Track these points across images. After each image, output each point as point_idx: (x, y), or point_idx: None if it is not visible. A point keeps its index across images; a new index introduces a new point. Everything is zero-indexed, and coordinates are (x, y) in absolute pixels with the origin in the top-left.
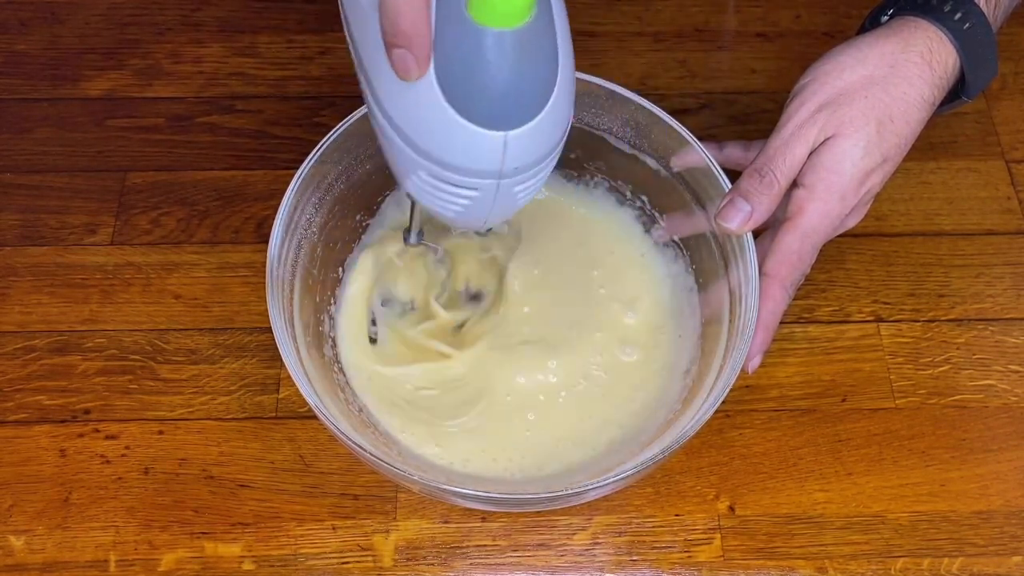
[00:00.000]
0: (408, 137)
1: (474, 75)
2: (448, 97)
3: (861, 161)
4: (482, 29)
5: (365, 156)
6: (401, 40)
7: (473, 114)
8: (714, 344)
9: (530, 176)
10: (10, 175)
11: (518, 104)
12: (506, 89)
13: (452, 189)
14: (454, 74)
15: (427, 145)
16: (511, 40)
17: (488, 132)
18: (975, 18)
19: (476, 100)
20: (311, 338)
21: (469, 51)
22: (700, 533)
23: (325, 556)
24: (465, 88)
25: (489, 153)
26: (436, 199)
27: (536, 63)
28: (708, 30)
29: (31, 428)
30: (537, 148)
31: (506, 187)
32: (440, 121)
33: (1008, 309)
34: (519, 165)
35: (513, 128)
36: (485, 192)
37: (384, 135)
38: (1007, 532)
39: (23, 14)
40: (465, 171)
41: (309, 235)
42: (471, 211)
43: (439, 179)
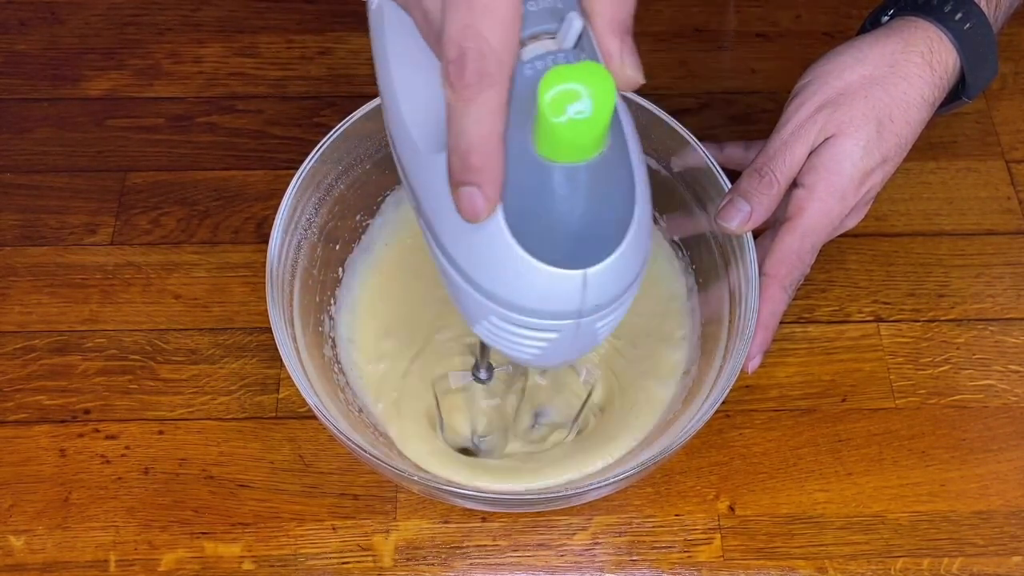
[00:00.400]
0: (477, 283)
1: (546, 214)
2: (519, 239)
3: (861, 161)
4: (553, 166)
5: (365, 156)
6: (472, 177)
7: (548, 255)
8: (714, 344)
9: (612, 311)
10: (10, 175)
11: (596, 240)
12: (582, 226)
13: (528, 333)
14: (524, 214)
15: (498, 290)
16: (584, 174)
17: (566, 272)
18: (975, 18)
19: (550, 240)
20: (311, 338)
21: (540, 190)
22: (700, 533)
23: (325, 556)
24: (537, 228)
25: (567, 294)
26: (510, 344)
27: (612, 194)
28: (708, 30)
29: (31, 428)
30: (618, 282)
31: (587, 325)
32: (512, 264)
33: (1008, 309)
34: (600, 302)
35: (592, 265)
36: (564, 334)
37: (451, 281)
38: (1007, 532)
39: (23, 14)
40: (542, 314)
41: (309, 235)
42: (549, 353)
43: (514, 324)
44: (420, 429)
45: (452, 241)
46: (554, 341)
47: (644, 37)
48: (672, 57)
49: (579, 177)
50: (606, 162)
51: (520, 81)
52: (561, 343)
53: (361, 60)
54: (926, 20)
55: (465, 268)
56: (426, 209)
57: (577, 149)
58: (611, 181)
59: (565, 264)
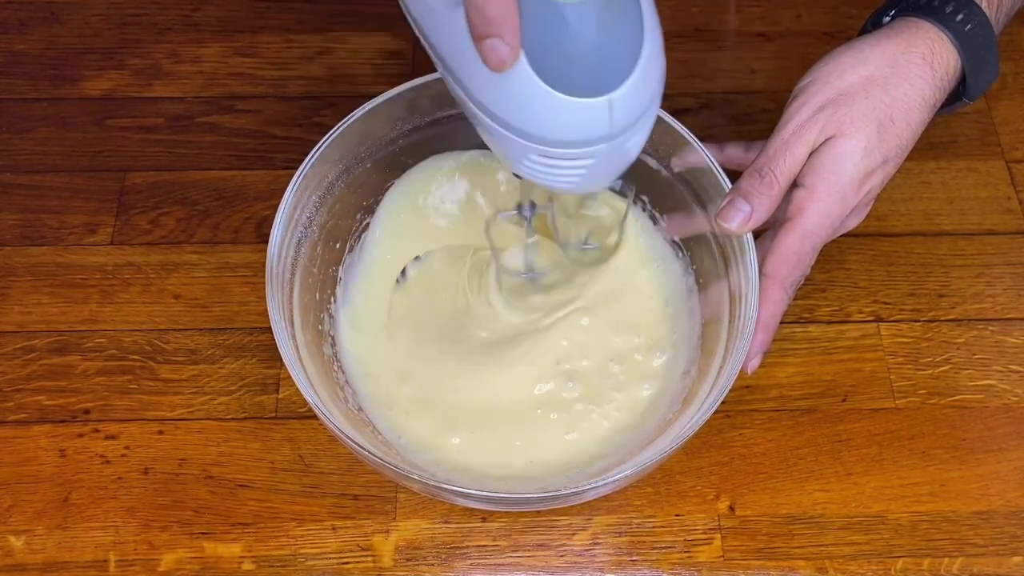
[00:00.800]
0: (513, 126)
1: (566, 50)
2: (545, 78)
3: (861, 162)
4: (564, 4)
5: (365, 155)
6: (493, 28)
7: (574, 88)
8: (714, 344)
9: (639, 128)
10: (10, 175)
11: (615, 65)
12: (600, 55)
13: (567, 163)
14: (546, 54)
15: (535, 129)
16: (594, 7)
17: (593, 101)
18: (977, 20)
19: (573, 73)
20: (310, 336)
21: (556, 28)
22: (700, 533)
23: (325, 556)
24: (560, 65)
25: (598, 120)
26: (552, 176)
27: (622, 21)
28: (708, 30)
29: (31, 428)
30: (642, 100)
31: (618, 145)
32: (543, 103)
33: (1008, 309)
34: (628, 122)
35: (615, 89)
36: (600, 158)
37: (487, 129)
38: (1007, 532)
39: (23, 14)
40: (577, 143)
41: (309, 233)
42: (588, 179)
43: (553, 158)
44: (420, 426)
45: (483, 91)
46: (592, 166)
47: None
48: (672, 57)
49: (589, 10)
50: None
51: None
52: (598, 167)
53: (361, 60)
54: (927, 21)
55: (499, 114)
56: (452, 65)
57: None
58: (619, 8)
59: (591, 93)
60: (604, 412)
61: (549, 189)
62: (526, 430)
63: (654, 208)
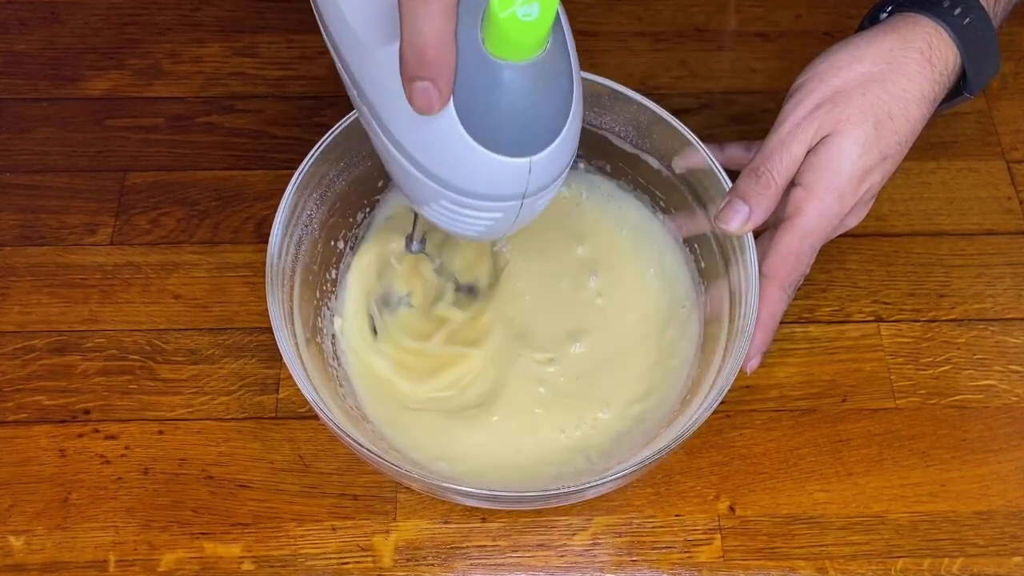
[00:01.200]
0: (427, 170)
1: (497, 108)
2: (470, 130)
3: (859, 159)
4: (502, 63)
5: (366, 153)
6: (428, 72)
7: (498, 145)
8: (714, 344)
9: (551, 190)
10: (10, 175)
11: (540, 129)
12: (527, 117)
13: (474, 214)
14: (476, 108)
15: (450, 178)
16: (532, 71)
17: (514, 160)
18: (975, 13)
19: (500, 131)
20: (310, 335)
21: (490, 85)
22: (700, 533)
23: (325, 556)
24: (486, 120)
25: (514, 179)
26: (457, 223)
27: (553, 89)
28: (708, 30)
29: (31, 428)
30: (560, 163)
31: (528, 203)
32: (464, 154)
33: (1008, 309)
34: (543, 183)
35: (538, 152)
36: (508, 212)
37: (399, 167)
38: (1007, 532)
39: (23, 14)
40: (490, 197)
41: (310, 231)
42: (492, 230)
43: (461, 206)
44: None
45: (402, 131)
46: (498, 219)
47: (644, 37)
48: (672, 57)
49: (525, 74)
50: (548, 61)
51: None
52: (504, 220)
53: None
54: (925, 16)
55: (416, 156)
56: (372, 100)
57: (523, 48)
58: (552, 77)
59: (512, 153)
60: (604, 411)
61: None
62: (526, 429)
63: (656, 206)
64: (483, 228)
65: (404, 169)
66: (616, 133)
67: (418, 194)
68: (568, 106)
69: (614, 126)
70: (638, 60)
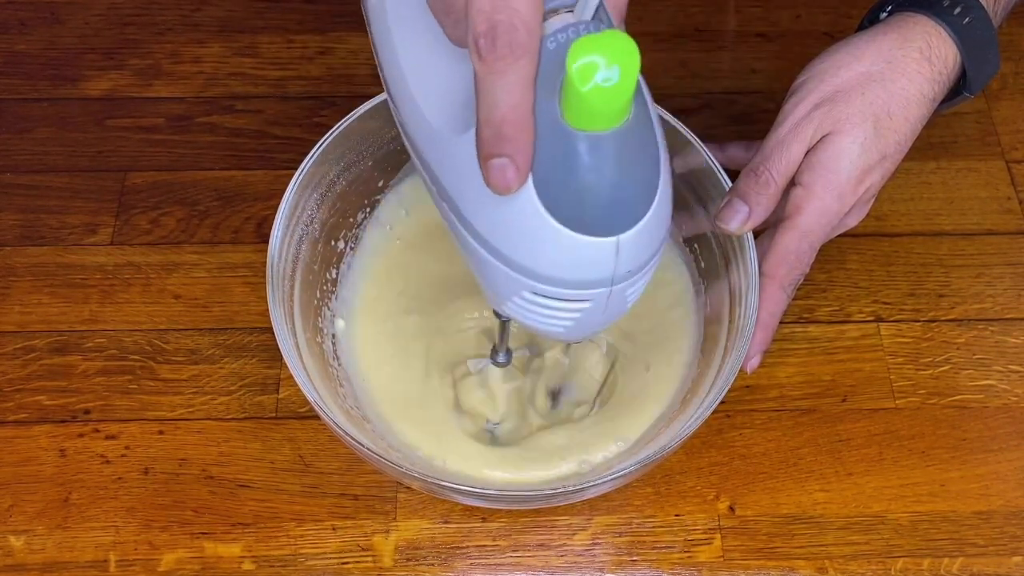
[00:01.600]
0: (508, 258)
1: (576, 183)
2: (551, 209)
3: (859, 159)
4: (581, 134)
5: (367, 153)
6: (505, 148)
7: (581, 224)
8: (714, 344)
9: (642, 276)
10: (10, 175)
11: (627, 206)
12: (612, 193)
13: (561, 305)
14: (556, 185)
15: (531, 263)
16: (613, 143)
17: (600, 240)
18: (975, 12)
19: (583, 209)
20: (311, 334)
21: (570, 159)
22: (700, 533)
23: (325, 556)
24: (568, 198)
25: (601, 262)
26: (541, 319)
27: (638, 161)
28: (708, 30)
29: (31, 428)
30: (649, 246)
31: (617, 292)
32: (545, 236)
33: (1008, 309)
34: (631, 267)
35: (625, 231)
36: (596, 303)
37: (479, 260)
38: (1007, 532)
39: (23, 14)
40: (576, 284)
41: (310, 231)
42: (580, 324)
43: (546, 297)
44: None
45: (481, 219)
46: (586, 311)
47: (644, 37)
48: (672, 57)
49: (607, 145)
50: (631, 129)
51: (544, 54)
52: (593, 313)
53: (361, 60)
54: (924, 15)
55: (495, 244)
56: (450, 191)
57: (605, 117)
58: (637, 147)
59: (598, 232)
60: (604, 411)
61: (534, 332)
62: (526, 428)
63: None
64: (570, 323)
65: (483, 260)
66: None
67: (499, 288)
68: (656, 180)
69: None
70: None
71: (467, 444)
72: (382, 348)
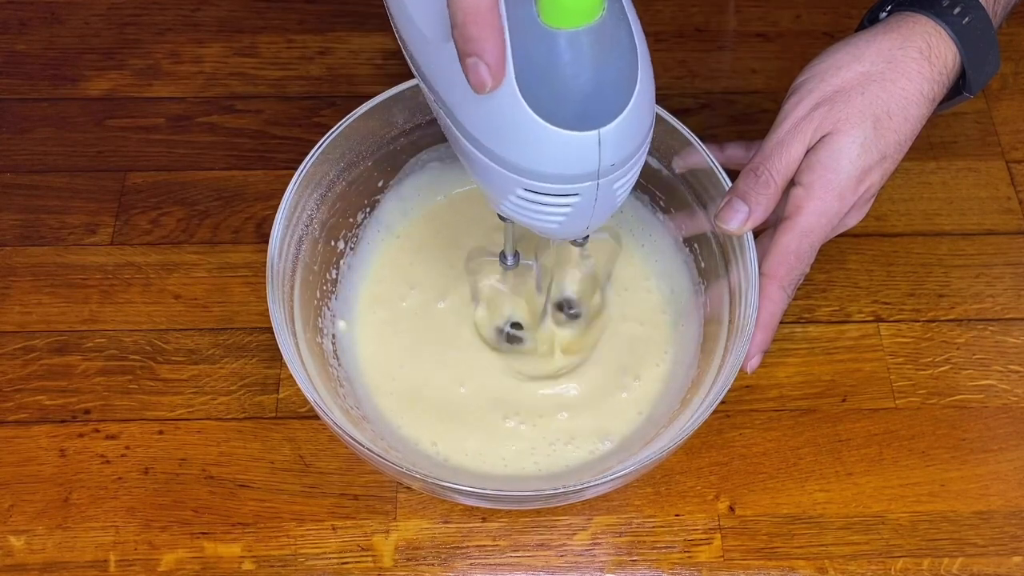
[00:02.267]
0: (499, 156)
1: (557, 79)
2: (534, 106)
3: (859, 158)
4: (558, 32)
5: (367, 153)
6: (474, 47)
7: (563, 119)
8: (714, 344)
9: (627, 170)
10: (10, 175)
11: (606, 99)
12: (592, 87)
13: (551, 200)
14: (536, 82)
15: (520, 160)
16: (589, 38)
17: (581, 134)
18: (975, 12)
19: (563, 104)
20: (311, 335)
21: (548, 56)
22: (700, 533)
23: (325, 556)
24: (550, 94)
25: (585, 155)
26: (536, 215)
27: (617, 54)
28: (708, 30)
29: (31, 428)
30: (632, 139)
31: (605, 186)
32: (530, 132)
33: (1008, 309)
34: (616, 161)
35: (605, 124)
36: (585, 196)
37: (474, 160)
38: (1007, 532)
39: (23, 14)
40: (563, 178)
41: (310, 231)
42: (572, 219)
43: (537, 193)
44: (421, 425)
45: (472, 120)
46: (576, 206)
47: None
48: (672, 57)
49: (582, 41)
50: (606, 25)
51: None
52: (583, 207)
53: (361, 60)
54: (924, 15)
55: (487, 144)
56: (444, 97)
57: (578, 14)
58: (613, 43)
59: (579, 126)
60: (605, 411)
61: (532, 230)
62: (526, 428)
63: (656, 206)
64: (562, 218)
65: (478, 162)
66: None
67: (495, 187)
68: (634, 74)
69: None
70: None
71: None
72: (382, 348)
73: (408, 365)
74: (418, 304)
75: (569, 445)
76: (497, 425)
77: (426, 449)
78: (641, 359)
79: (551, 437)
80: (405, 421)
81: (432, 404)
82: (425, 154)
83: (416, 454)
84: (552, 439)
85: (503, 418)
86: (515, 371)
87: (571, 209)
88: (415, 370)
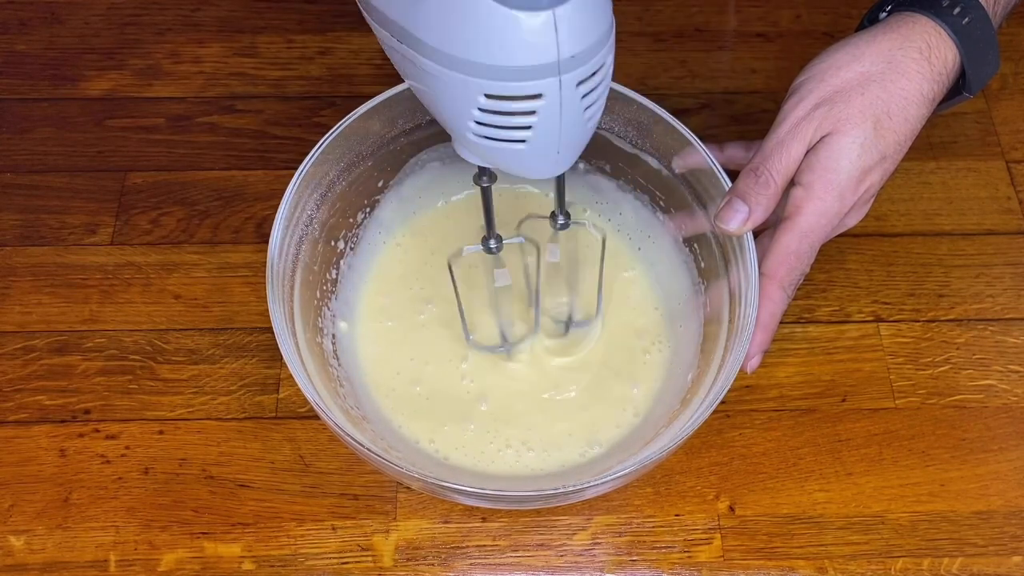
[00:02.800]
0: (457, 59)
1: None
2: None
3: (859, 159)
4: None
5: (367, 153)
6: None
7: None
8: (714, 344)
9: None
10: (10, 175)
11: None
12: None
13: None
14: None
15: (476, 55)
16: None
17: (534, 14)
18: (975, 12)
19: None
20: (311, 335)
21: None
22: (700, 533)
23: (325, 556)
24: None
25: (540, 40)
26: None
27: None
28: (708, 30)
29: (31, 428)
30: (589, 27)
31: (569, 89)
32: (480, 17)
33: (1008, 309)
34: (576, 52)
35: (559, 3)
36: (549, 99)
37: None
38: (1007, 532)
39: (23, 14)
40: (522, 73)
41: (310, 232)
42: (541, 138)
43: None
44: (421, 425)
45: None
46: (542, 113)
47: (644, 37)
48: (672, 57)
49: None
50: None
51: None
52: (549, 118)
53: (361, 60)
54: (924, 15)
55: (444, 49)
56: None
57: None
58: None
59: (532, 6)
60: (605, 410)
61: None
62: (527, 428)
63: (656, 206)
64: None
65: (439, 79)
66: (616, 133)
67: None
68: None
69: (614, 126)
70: (638, 60)
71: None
72: (382, 348)
73: (408, 365)
74: (418, 304)
75: (569, 445)
76: (497, 425)
77: (426, 449)
78: (641, 359)
79: (551, 437)
80: (405, 421)
81: (432, 404)
82: (425, 154)
83: (416, 454)
84: (552, 439)
85: (503, 418)
86: (515, 371)
87: (536, 119)
88: (415, 370)
